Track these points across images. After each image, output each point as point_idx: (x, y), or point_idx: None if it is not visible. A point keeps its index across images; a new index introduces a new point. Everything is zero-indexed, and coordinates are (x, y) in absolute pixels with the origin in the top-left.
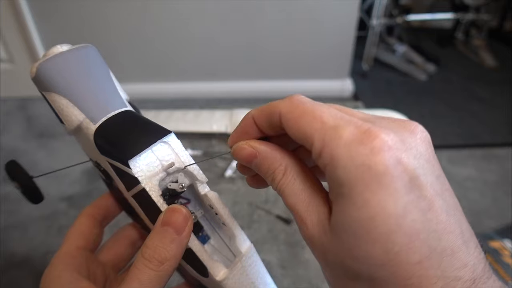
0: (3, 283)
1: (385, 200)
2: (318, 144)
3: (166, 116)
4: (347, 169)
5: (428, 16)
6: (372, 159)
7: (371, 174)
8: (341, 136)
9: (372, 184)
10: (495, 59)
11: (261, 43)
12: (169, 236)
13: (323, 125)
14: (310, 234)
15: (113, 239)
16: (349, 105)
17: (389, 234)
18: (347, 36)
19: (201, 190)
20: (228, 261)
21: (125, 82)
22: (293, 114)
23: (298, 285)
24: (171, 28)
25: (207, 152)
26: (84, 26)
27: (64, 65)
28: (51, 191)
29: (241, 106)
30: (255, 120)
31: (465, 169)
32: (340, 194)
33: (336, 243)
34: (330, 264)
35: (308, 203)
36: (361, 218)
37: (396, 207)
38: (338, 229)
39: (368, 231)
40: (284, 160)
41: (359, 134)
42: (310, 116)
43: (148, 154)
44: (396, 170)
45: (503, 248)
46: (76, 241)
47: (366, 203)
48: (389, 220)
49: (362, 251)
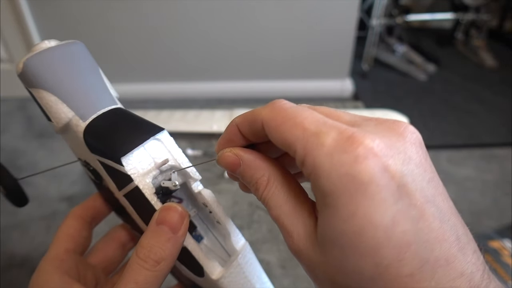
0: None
1: (371, 211)
2: (301, 153)
3: (166, 116)
4: (331, 180)
5: (428, 16)
6: (356, 168)
7: (355, 184)
8: (323, 143)
9: (357, 195)
10: (495, 59)
11: (261, 43)
12: (164, 234)
13: (305, 132)
14: (296, 248)
15: (103, 241)
16: (349, 105)
17: (378, 248)
18: (347, 36)
19: (195, 188)
20: (222, 260)
21: (125, 82)
22: (275, 121)
23: (298, 285)
24: (171, 28)
25: (207, 152)
26: (84, 26)
27: (52, 61)
28: (51, 191)
29: (241, 106)
30: (239, 128)
31: (464, 169)
32: (325, 204)
33: (324, 256)
34: (319, 278)
35: (293, 215)
36: (348, 231)
37: (384, 218)
38: (325, 242)
39: (356, 245)
40: (268, 170)
41: (342, 141)
42: (291, 122)
43: (141, 152)
44: (383, 178)
45: (503, 248)
46: (65, 243)
47: (352, 215)
48: (377, 233)
49: (350, 265)
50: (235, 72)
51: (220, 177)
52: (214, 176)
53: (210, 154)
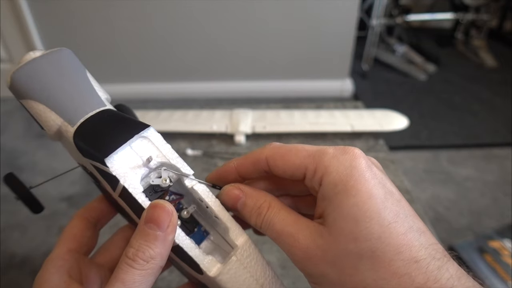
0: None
1: (371, 188)
2: (311, 166)
3: (166, 116)
4: (340, 171)
5: (428, 16)
6: (356, 161)
7: (357, 171)
8: (327, 152)
9: (360, 178)
10: (495, 59)
11: (261, 43)
12: (152, 233)
13: (309, 152)
14: (304, 246)
15: (110, 241)
16: (349, 105)
17: (379, 212)
18: (347, 36)
19: (188, 183)
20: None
21: (126, 82)
22: (279, 154)
23: (298, 285)
24: (172, 28)
25: (206, 152)
26: (84, 26)
27: (38, 71)
28: (51, 192)
29: (241, 106)
30: (237, 168)
31: (465, 169)
32: (336, 192)
33: (335, 236)
34: (330, 261)
35: (297, 223)
36: (357, 202)
37: (379, 193)
38: (337, 222)
39: (364, 211)
40: (268, 197)
41: (340, 149)
42: (294, 151)
43: (127, 151)
44: (371, 171)
45: (503, 248)
46: (68, 244)
47: (358, 192)
48: (377, 202)
49: (362, 229)
50: (235, 72)
51: None
52: None
53: (210, 154)
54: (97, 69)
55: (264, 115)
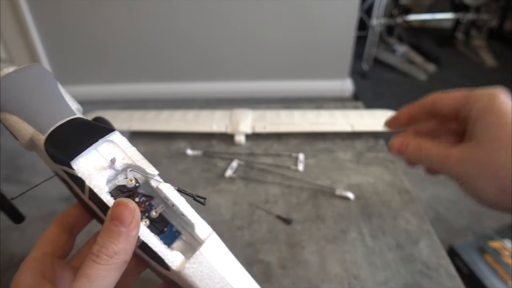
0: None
1: (506, 108)
2: (464, 99)
3: (166, 116)
4: (484, 100)
5: (428, 16)
6: (495, 93)
7: (498, 98)
8: (473, 91)
9: (499, 102)
10: (495, 59)
11: (261, 43)
12: (116, 229)
13: (461, 92)
14: (456, 155)
15: (86, 244)
16: (349, 105)
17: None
18: (347, 36)
19: (154, 183)
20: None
21: (125, 82)
22: (440, 97)
23: (298, 285)
24: (172, 28)
25: (207, 152)
26: (84, 26)
27: (10, 85)
28: (50, 192)
29: (241, 106)
30: (409, 110)
31: None
32: (483, 113)
33: (480, 141)
34: (477, 159)
35: (447, 147)
36: (499, 117)
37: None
38: (484, 131)
39: (503, 121)
40: (420, 139)
41: (482, 89)
42: (451, 93)
43: (93, 154)
44: (506, 99)
45: (503, 248)
46: (43, 247)
47: (498, 110)
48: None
49: (502, 132)
50: (235, 72)
51: (220, 177)
52: (214, 176)
53: (210, 154)
54: (97, 69)
55: (264, 115)
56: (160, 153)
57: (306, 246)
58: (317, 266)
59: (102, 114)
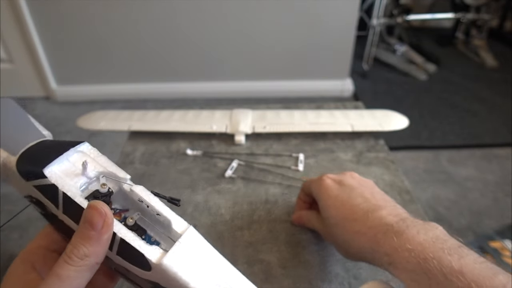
0: None
1: (330, 191)
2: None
3: (166, 116)
4: (316, 189)
5: (428, 16)
6: (323, 181)
7: (323, 187)
8: (312, 180)
9: (324, 189)
10: (495, 59)
11: (261, 43)
12: (87, 232)
13: (311, 180)
14: (318, 228)
15: None
16: (349, 105)
17: (350, 202)
18: (347, 36)
19: (127, 187)
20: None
21: (125, 82)
22: (307, 185)
23: (298, 285)
24: (172, 28)
25: (207, 152)
26: (84, 26)
27: None
28: None
29: (240, 106)
30: (302, 199)
31: (465, 169)
32: (317, 199)
33: (323, 217)
34: (325, 230)
35: (314, 215)
36: (325, 201)
37: (335, 191)
38: (326, 215)
39: (341, 206)
40: (298, 212)
41: (316, 177)
42: (309, 181)
43: (64, 163)
44: (331, 183)
45: (503, 248)
46: (39, 241)
47: (324, 196)
48: (343, 200)
49: (329, 212)
50: (234, 72)
51: (220, 177)
52: (214, 176)
53: (210, 154)
54: (97, 69)
55: (264, 115)
56: (160, 153)
57: (307, 246)
58: (318, 266)
59: (102, 114)
